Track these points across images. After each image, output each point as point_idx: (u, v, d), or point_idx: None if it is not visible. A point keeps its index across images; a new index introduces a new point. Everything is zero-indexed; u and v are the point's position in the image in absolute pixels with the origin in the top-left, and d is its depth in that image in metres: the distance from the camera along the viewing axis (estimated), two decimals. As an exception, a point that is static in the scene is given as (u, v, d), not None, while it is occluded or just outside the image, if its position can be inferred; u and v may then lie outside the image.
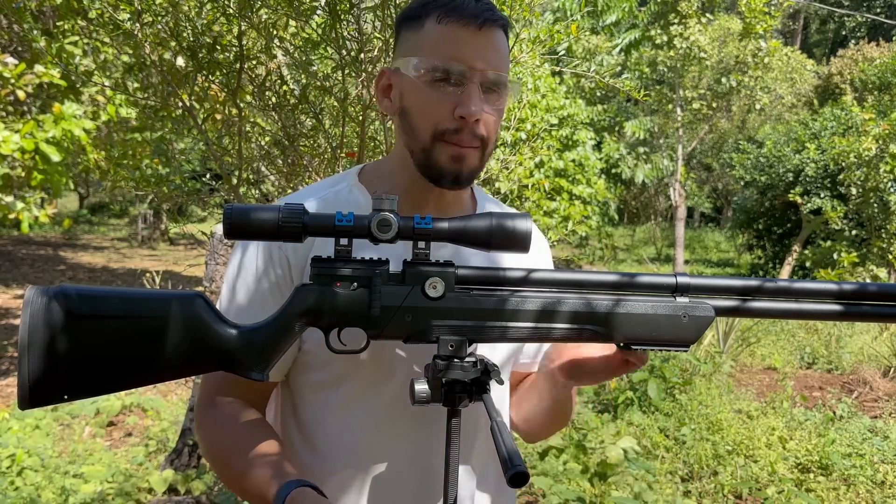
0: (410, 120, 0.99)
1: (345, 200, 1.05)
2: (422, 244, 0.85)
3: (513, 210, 1.18)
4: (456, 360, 0.83)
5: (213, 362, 0.86)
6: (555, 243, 9.03)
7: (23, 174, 4.26)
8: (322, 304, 0.85)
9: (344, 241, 0.85)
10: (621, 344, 0.90)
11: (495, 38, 0.96)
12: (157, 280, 4.93)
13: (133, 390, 5.24)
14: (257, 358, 0.86)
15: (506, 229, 0.83)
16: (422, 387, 0.83)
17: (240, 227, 0.81)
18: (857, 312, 0.91)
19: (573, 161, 9.31)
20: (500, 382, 0.86)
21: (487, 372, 0.84)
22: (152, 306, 0.85)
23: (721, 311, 0.89)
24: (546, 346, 1.16)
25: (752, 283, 0.90)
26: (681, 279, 0.89)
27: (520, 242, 0.83)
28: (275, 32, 2.35)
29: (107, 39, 2.58)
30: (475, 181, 1.10)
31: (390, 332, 0.86)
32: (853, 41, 24.30)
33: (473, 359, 0.84)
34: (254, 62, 2.39)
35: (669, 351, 0.89)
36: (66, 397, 0.81)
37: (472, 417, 1.11)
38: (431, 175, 0.99)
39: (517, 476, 0.72)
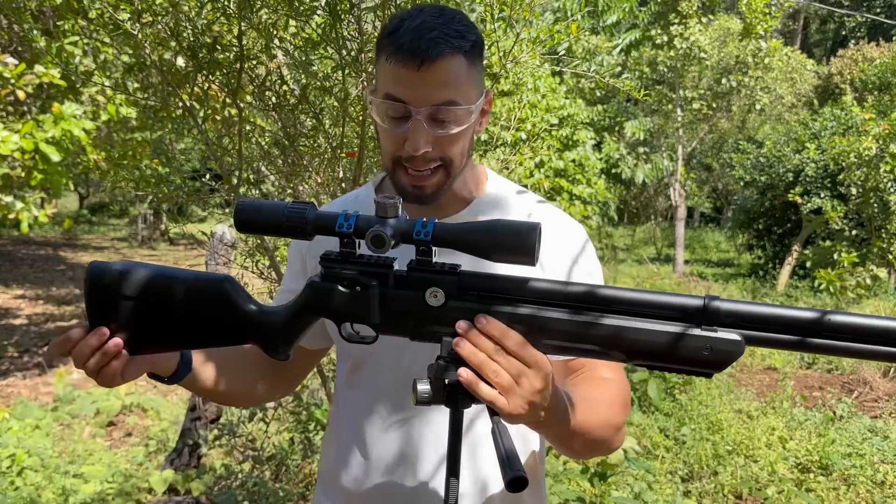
0: (379, 141, 1.10)
1: (357, 204, 1.19)
2: (425, 248, 0.85)
3: (536, 204, 1.17)
4: (458, 361, 0.82)
5: (244, 337, 0.95)
6: (555, 243, 9.01)
7: (22, 174, 4.26)
8: (328, 302, 0.88)
9: (347, 240, 0.86)
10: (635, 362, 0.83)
11: (441, 71, 0.96)
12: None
13: (133, 390, 5.25)
14: (278, 339, 0.94)
15: (507, 241, 0.79)
16: (424, 387, 0.82)
17: (249, 222, 0.87)
18: None
19: (573, 161, 9.31)
20: None
21: None
22: (189, 286, 0.95)
23: (754, 342, 0.77)
24: None
25: (807, 315, 0.75)
26: (711, 304, 0.77)
27: (522, 256, 0.79)
28: (275, 32, 2.35)
29: (107, 39, 2.58)
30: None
31: (394, 333, 0.88)
32: (853, 41, 24.30)
33: None
34: (254, 62, 2.39)
35: (686, 375, 0.81)
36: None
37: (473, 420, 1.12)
38: (398, 192, 1.05)
39: (515, 481, 0.72)
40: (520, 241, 0.79)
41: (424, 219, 0.84)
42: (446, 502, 0.83)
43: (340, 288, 0.87)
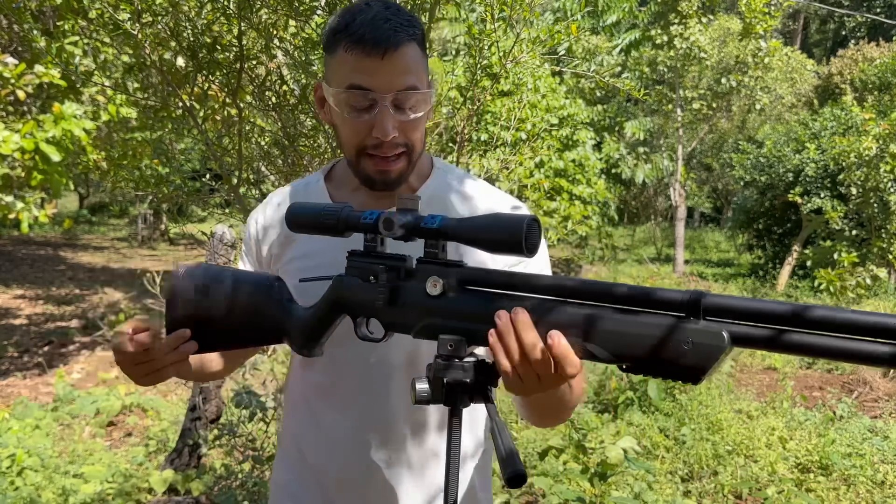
0: (338, 135, 1.12)
1: (307, 193, 1.22)
2: (433, 242, 0.87)
3: (522, 209, 1.19)
4: (456, 359, 0.82)
5: (281, 337, 1.02)
6: (555, 243, 9.03)
7: (23, 174, 4.26)
8: (347, 294, 0.94)
9: (371, 236, 0.92)
10: (623, 367, 0.78)
11: (402, 58, 1.01)
12: (158, 280, 4.92)
13: (133, 390, 5.24)
14: (305, 337, 1.00)
15: (499, 234, 0.80)
16: (422, 386, 0.83)
17: (296, 222, 0.95)
18: None
19: (573, 161, 9.31)
20: (496, 386, 0.86)
21: (488, 372, 0.84)
22: (245, 287, 1.03)
23: (740, 341, 0.71)
24: None
25: (797, 309, 0.68)
26: (694, 297, 0.72)
27: (517, 246, 0.79)
28: (275, 32, 2.35)
29: (107, 39, 2.58)
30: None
31: (400, 326, 0.91)
32: (853, 41, 24.29)
33: (474, 359, 0.83)
34: (254, 62, 2.39)
35: (674, 381, 0.75)
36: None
37: (427, 419, 1.14)
38: (363, 182, 1.10)
39: (515, 477, 0.72)
40: (510, 234, 0.79)
41: (432, 214, 0.87)
42: (446, 502, 0.83)
43: (358, 280, 0.93)
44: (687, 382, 0.73)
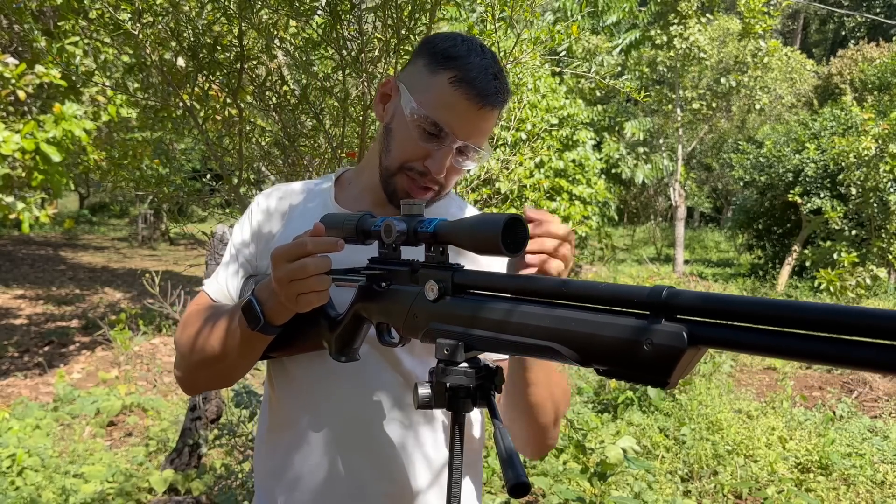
0: (389, 141, 1.11)
1: (314, 196, 1.22)
2: (432, 246, 0.88)
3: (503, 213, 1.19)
4: (454, 364, 0.82)
5: (321, 343, 1.04)
6: (555, 243, 9.01)
7: (23, 174, 4.26)
8: (366, 302, 0.96)
9: (388, 241, 0.92)
10: (597, 370, 0.71)
11: (491, 118, 1.07)
12: (157, 280, 4.91)
13: (133, 390, 5.24)
14: (340, 344, 1.02)
15: (484, 232, 0.78)
16: (425, 391, 0.82)
17: (329, 230, 0.96)
18: None
19: (573, 161, 9.31)
20: (499, 391, 0.85)
21: (491, 377, 0.83)
22: None
23: (705, 341, 0.62)
24: None
25: (778, 304, 0.57)
26: (656, 293, 0.64)
27: (495, 245, 0.77)
28: (275, 33, 2.35)
29: (107, 40, 2.58)
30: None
31: (407, 330, 0.91)
32: (853, 41, 24.30)
33: (476, 364, 0.82)
34: (254, 62, 2.39)
35: (642, 385, 0.67)
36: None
37: (401, 429, 1.12)
38: (386, 192, 1.13)
39: (518, 486, 0.72)
40: (488, 233, 0.77)
41: (430, 217, 0.88)
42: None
43: (374, 287, 0.95)
44: (656, 387, 0.65)
